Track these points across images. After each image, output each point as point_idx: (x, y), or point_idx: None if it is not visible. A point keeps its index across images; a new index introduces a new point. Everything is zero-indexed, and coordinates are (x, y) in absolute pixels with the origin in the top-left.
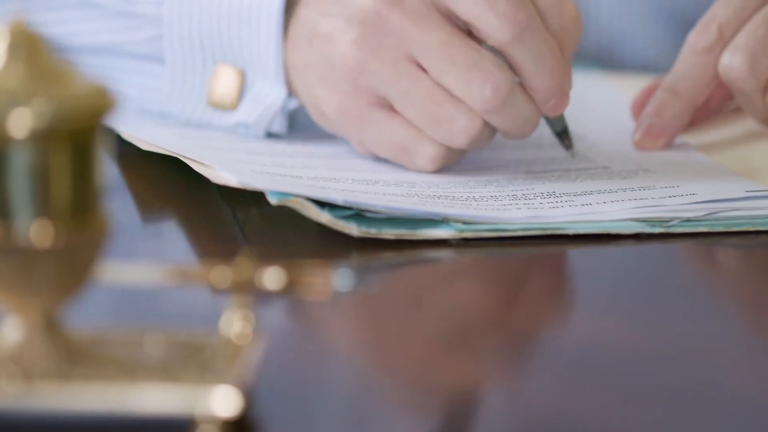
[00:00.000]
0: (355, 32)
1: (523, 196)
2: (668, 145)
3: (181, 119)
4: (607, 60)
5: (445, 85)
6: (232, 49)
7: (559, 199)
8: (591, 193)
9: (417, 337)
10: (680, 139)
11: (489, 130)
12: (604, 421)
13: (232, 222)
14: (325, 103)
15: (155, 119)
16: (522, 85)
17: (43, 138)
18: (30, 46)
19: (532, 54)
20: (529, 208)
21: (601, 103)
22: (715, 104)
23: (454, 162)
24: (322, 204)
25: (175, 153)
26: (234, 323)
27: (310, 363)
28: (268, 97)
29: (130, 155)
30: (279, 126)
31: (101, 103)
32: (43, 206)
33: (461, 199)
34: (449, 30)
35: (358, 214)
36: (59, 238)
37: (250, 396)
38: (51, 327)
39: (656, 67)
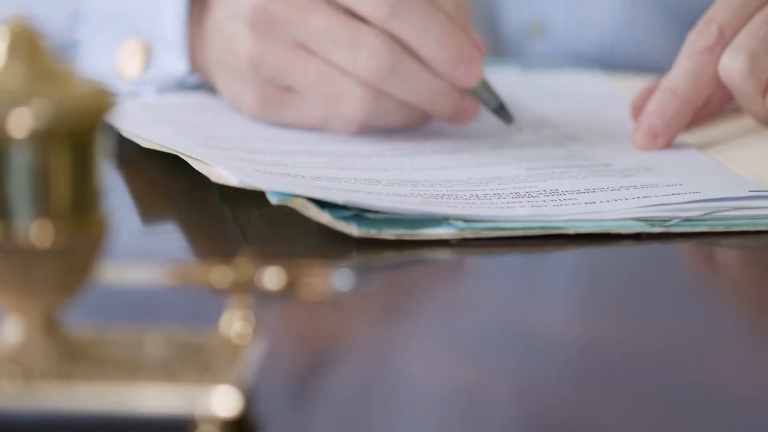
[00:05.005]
0: (249, 29)
1: (526, 194)
2: (667, 146)
3: None
4: (608, 61)
5: (334, 63)
6: (141, 25)
7: (562, 197)
8: (594, 190)
9: (417, 337)
10: (680, 138)
11: (393, 104)
12: (604, 421)
13: (232, 222)
14: (242, 99)
15: (154, 115)
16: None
17: (43, 138)
18: (30, 46)
19: (413, 26)
20: (532, 206)
21: (601, 103)
22: (715, 104)
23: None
24: (322, 204)
25: (175, 150)
26: (234, 323)
27: (310, 363)
28: (170, 70)
29: (130, 155)
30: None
31: (101, 103)
32: (43, 206)
33: (464, 198)
34: (331, 12)
35: (358, 215)
36: (59, 238)
37: (250, 396)
38: (51, 327)
39: (657, 67)
